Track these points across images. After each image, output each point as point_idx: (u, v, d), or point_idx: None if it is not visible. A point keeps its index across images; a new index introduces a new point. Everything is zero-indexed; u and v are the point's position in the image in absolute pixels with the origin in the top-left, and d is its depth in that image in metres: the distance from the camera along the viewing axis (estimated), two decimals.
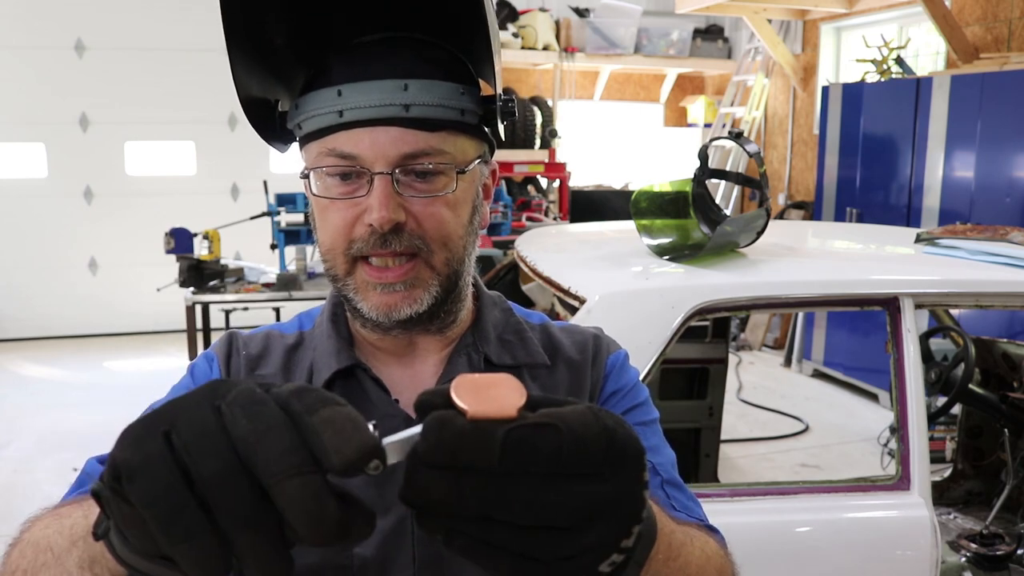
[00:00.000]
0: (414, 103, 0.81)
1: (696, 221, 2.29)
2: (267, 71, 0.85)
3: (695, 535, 0.69)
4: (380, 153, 0.81)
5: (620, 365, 0.97)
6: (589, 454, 0.44)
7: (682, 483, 0.91)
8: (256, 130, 0.89)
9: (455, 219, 0.85)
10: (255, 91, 0.86)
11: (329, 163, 0.83)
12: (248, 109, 0.86)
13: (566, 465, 0.44)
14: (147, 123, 6.75)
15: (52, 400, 5.31)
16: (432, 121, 0.82)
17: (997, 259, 2.14)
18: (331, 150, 0.83)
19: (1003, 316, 4.53)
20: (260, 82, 0.85)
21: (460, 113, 0.84)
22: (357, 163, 0.82)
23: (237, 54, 0.80)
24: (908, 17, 6.02)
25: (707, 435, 3.37)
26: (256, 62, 0.83)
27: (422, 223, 0.83)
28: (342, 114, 0.82)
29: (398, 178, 0.82)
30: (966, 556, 2.48)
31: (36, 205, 6.65)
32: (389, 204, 0.81)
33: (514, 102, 0.87)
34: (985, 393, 2.69)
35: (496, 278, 3.23)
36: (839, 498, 1.82)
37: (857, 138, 5.48)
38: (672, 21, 7.49)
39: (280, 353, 0.94)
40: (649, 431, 0.93)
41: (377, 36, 0.84)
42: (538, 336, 0.96)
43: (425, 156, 0.82)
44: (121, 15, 6.53)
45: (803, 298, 1.95)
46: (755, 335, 6.74)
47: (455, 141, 0.84)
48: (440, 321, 0.90)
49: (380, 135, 0.81)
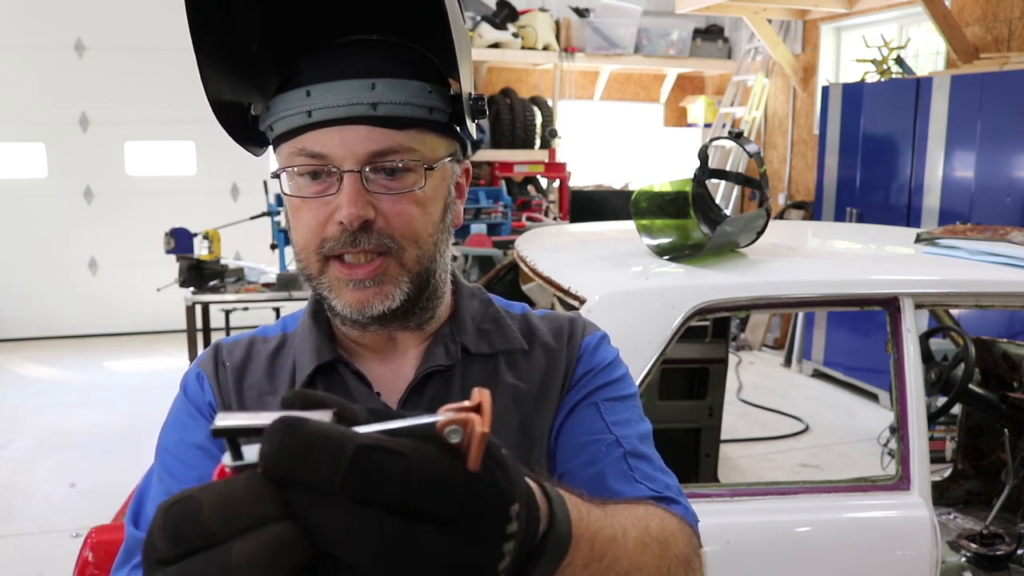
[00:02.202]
0: (381, 101, 0.82)
1: (696, 221, 2.29)
2: (238, 75, 0.85)
3: (631, 524, 0.66)
4: (349, 151, 0.82)
5: (594, 346, 0.97)
6: (442, 495, 0.39)
7: (650, 454, 0.91)
8: (229, 133, 0.89)
9: (424, 216, 0.86)
10: (226, 95, 0.87)
11: (299, 163, 0.84)
12: (219, 113, 0.87)
13: (412, 503, 0.39)
14: (147, 123, 6.75)
15: (52, 400, 5.31)
16: (400, 119, 0.83)
17: (997, 259, 2.14)
18: (301, 150, 0.84)
19: (1003, 316, 4.53)
20: (231, 86, 0.86)
21: (428, 111, 0.85)
22: (327, 162, 0.83)
23: (206, 59, 0.81)
24: (908, 17, 6.02)
25: (707, 435, 3.37)
26: (226, 66, 0.83)
27: (391, 220, 0.84)
28: (311, 114, 0.83)
29: (367, 176, 0.83)
30: (966, 556, 2.48)
31: (36, 205, 6.65)
32: (358, 201, 0.82)
33: (484, 100, 0.88)
34: (985, 393, 2.69)
35: (496, 278, 3.23)
36: (839, 498, 1.82)
37: (857, 138, 5.48)
38: (672, 21, 7.48)
39: (263, 359, 0.96)
40: (620, 406, 0.93)
41: (347, 39, 0.85)
42: (517, 324, 0.98)
43: (394, 154, 0.83)
44: (121, 15, 6.53)
45: (803, 298, 1.95)
46: (755, 335, 6.74)
47: (424, 139, 0.85)
48: (417, 317, 0.92)
49: (349, 134, 0.82)
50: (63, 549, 3.29)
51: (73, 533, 3.47)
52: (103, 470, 4.13)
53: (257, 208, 5.34)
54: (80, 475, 4.11)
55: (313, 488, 0.38)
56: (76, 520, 3.59)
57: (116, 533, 1.70)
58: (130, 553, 0.86)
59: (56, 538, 3.48)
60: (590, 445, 0.89)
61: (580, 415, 0.92)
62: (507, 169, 6.67)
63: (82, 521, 3.51)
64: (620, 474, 0.87)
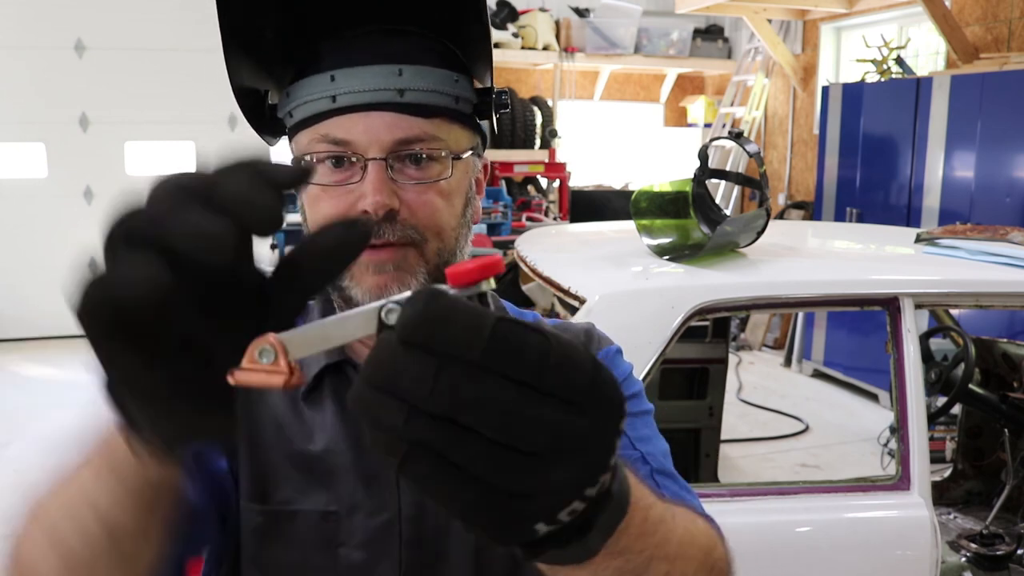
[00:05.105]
0: (408, 88, 0.80)
1: (696, 221, 2.29)
2: (260, 62, 0.84)
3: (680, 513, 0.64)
4: (374, 138, 0.80)
5: (611, 359, 0.96)
6: (573, 377, 0.40)
7: (675, 473, 0.89)
8: (248, 120, 0.88)
9: (448, 208, 0.84)
10: (246, 81, 0.85)
11: (321, 149, 0.82)
12: (240, 99, 0.85)
13: (545, 379, 0.39)
14: (147, 123, 6.75)
15: (52, 400, 5.30)
16: (427, 107, 0.81)
17: (997, 259, 2.14)
18: (324, 136, 0.81)
19: (1003, 316, 4.53)
20: (252, 72, 0.84)
21: (455, 100, 0.83)
22: (350, 149, 0.81)
23: (231, 44, 0.79)
24: (908, 17, 6.02)
25: (707, 435, 3.37)
26: (250, 52, 0.82)
27: (415, 211, 0.81)
28: (335, 99, 0.80)
29: (392, 164, 0.81)
30: (966, 556, 2.48)
31: (36, 205, 6.64)
32: (384, 189, 0.79)
33: (507, 95, 0.86)
34: (985, 393, 2.69)
35: (496, 278, 3.23)
36: (839, 498, 1.83)
37: (857, 138, 5.48)
38: (672, 21, 7.48)
39: None
40: (640, 422, 0.92)
41: (371, 28, 0.84)
42: None
43: (419, 142, 0.81)
44: (121, 15, 6.53)
45: (803, 298, 1.95)
46: (755, 335, 6.74)
47: (449, 129, 0.83)
48: None
49: (374, 120, 0.80)
50: None
51: None
52: None
53: None
54: None
55: (451, 357, 0.38)
56: None
57: None
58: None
59: None
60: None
61: None
62: (507, 169, 6.67)
63: None
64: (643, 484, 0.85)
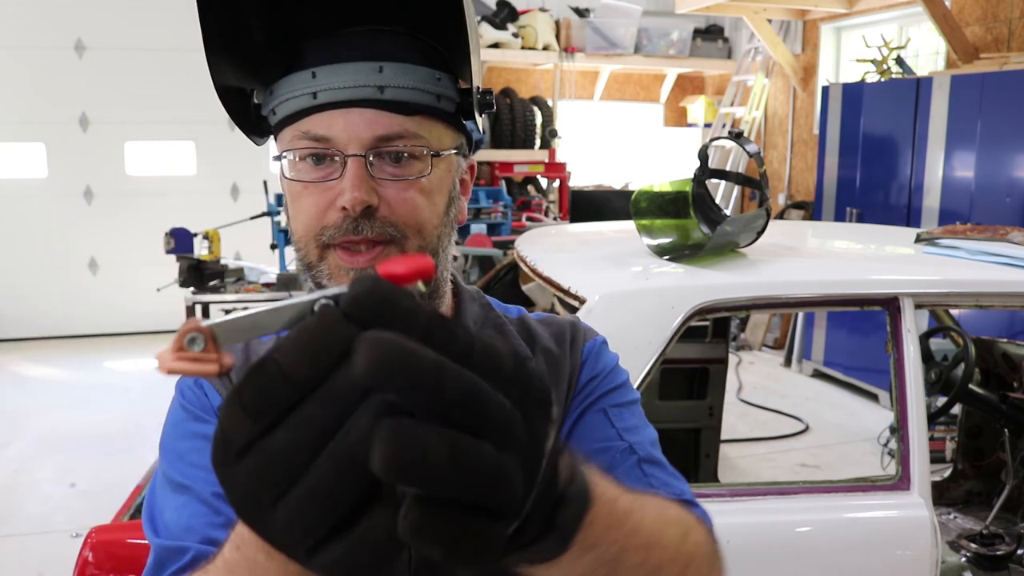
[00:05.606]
0: (389, 85, 0.80)
1: (696, 221, 2.29)
2: (243, 61, 0.84)
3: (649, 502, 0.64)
4: (354, 135, 0.81)
5: (596, 351, 0.96)
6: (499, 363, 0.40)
7: (663, 461, 0.90)
8: (234, 121, 0.88)
9: (429, 206, 0.84)
10: (231, 81, 0.85)
11: (302, 146, 0.82)
12: (224, 100, 0.85)
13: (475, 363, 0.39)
14: (147, 123, 6.75)
15: (52, 400, 5.31)
16: (407, 104, 0.81)
17: (997, 259, 2.14)
18: (304, 132, 0.82)
19: (1003, 316, 4.53)
20: (236, 72, 0.85)
21: (436, 99, 0.83)
22: (330, 145, 0.81)
23: (212, 43, 0.79)
24: (908, 17, 6.02)
25: (707, 435, 3.36)
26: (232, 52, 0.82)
27: (395, 208, 0.82)
28: (316, 96, 0.81)
29: (371, 161, 0.81)
30: (966, 556, 2.48)
31: (36, 205, 6.64)
32: (362, 186, 0.80)
33: (492, 94, 0.86)
34: (985, 393, 2.69)
35: (496, 278, 3.23)
36: (839, 498, 1.83)
37: (857, 138, 5.48)
38: (672, 21, 7.48)
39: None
40: (627, 412, 0.92)
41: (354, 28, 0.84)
42: (517, 329, 0.96)
43: (400, 139, 0.81)
44: (121, 15, 6.53)
45: (803, 298, 1.95)
46: (755, 335, 6.74)
47: (431, 127, 0.83)
48: None
49: (354, 117, 0.81)
50: (63, 549, 3.29)
51: (73, 533, 3.46)
52: (103, 470, 4.13)
53: (257, 208, 5.34)
54: (80, 475, 4.11)
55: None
56: (76, 520, 3.59)
57: (116, 533, 1.70)
58: (161, 564, 0.81)
59: (56, 538, 3.48)
60: (602, 452, 0.87)
61: (588, 422, 0.90)
62: (507, 169, 6.67)
63: (82, 521, 3.51)
64: (635, 481, 0.85)
